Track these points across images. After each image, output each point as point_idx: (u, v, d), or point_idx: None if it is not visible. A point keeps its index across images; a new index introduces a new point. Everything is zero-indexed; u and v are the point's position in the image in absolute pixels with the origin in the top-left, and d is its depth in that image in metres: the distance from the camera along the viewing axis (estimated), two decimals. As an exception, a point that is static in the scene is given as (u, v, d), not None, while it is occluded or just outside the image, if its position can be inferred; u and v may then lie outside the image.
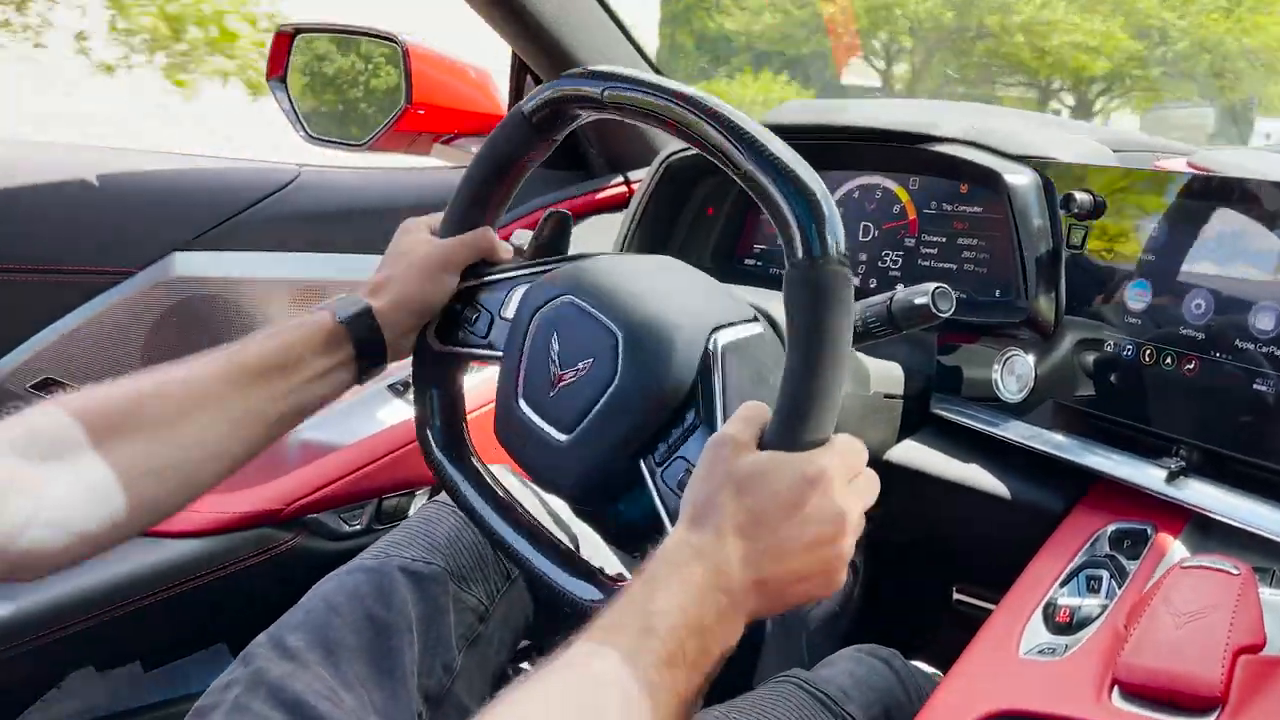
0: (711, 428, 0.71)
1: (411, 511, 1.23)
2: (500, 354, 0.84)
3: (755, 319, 0.80)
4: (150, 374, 0.75)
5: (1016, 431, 0.95)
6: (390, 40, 1.39)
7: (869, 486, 0.66)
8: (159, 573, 1.07)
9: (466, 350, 0.88)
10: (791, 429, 0.63)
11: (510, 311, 0.85)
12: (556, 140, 0.84)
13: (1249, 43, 11.66)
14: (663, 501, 0.72)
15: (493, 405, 0.84)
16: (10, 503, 0.64)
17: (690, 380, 0.74)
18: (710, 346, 0.75)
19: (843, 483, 0.63)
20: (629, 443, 0.74)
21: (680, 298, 0.80)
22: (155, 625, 1.11)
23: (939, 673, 1.02)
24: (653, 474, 0.74)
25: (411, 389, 0.91)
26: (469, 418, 0.90)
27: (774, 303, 0.84)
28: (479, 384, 1.13)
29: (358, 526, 1.18)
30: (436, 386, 0.89)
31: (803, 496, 0.61)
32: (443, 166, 1.46)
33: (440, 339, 0.89)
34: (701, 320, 0.76)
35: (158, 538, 1.08)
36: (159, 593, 1.08)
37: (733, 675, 0.64)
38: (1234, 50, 11.66)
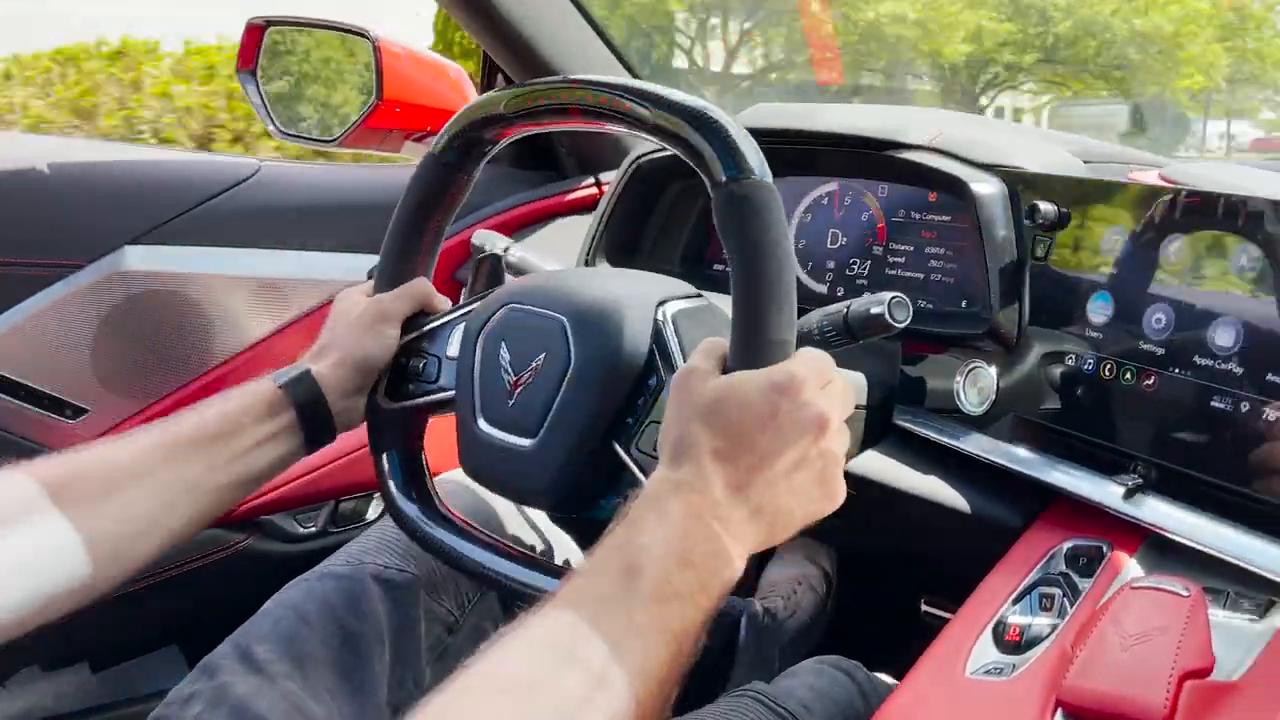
0: None
1: (370, 514, 1.21)
2: (453, 393, 0.82)
3: (700, 296, 0.80)
4: (90, 448, 0.73)
5: (977, 445, 0.93)
6: (362, 35, 1.37)
7: (844, 393, 0.64)
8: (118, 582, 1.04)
9: (419, 402, 0.86)
10: (749, 346, 0.62)
11: (455, 350, 0.84)
12: (475, 175, 0.84)
13: (1140, 25, 9.96)
14: (643, 471, 0.71)
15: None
16: None
17: (645, 348, 0.74)
18: (659, 316, 0.75)
19: (814, 388, 0.61)
20: (596, 425, 0.73)
21: (621, 282, 0.80)
22: (103, 626, 1.09)
23: None
24: (627, 449, 0.73)
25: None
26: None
27: (727, 302, 0.84)
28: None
29: (313, 529, 1.16)
30: (394, 448, 0.87)
31: (775, 405, 0.59)
32: (412, 163, 1.44)
33: (391, 397, 0.86)
34: (646, 297, 0.76)
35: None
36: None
37: (703, 685, 0.63)
38: (1123, 35, 10.10)
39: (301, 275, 1.21)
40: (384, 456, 0.87)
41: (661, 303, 0.76)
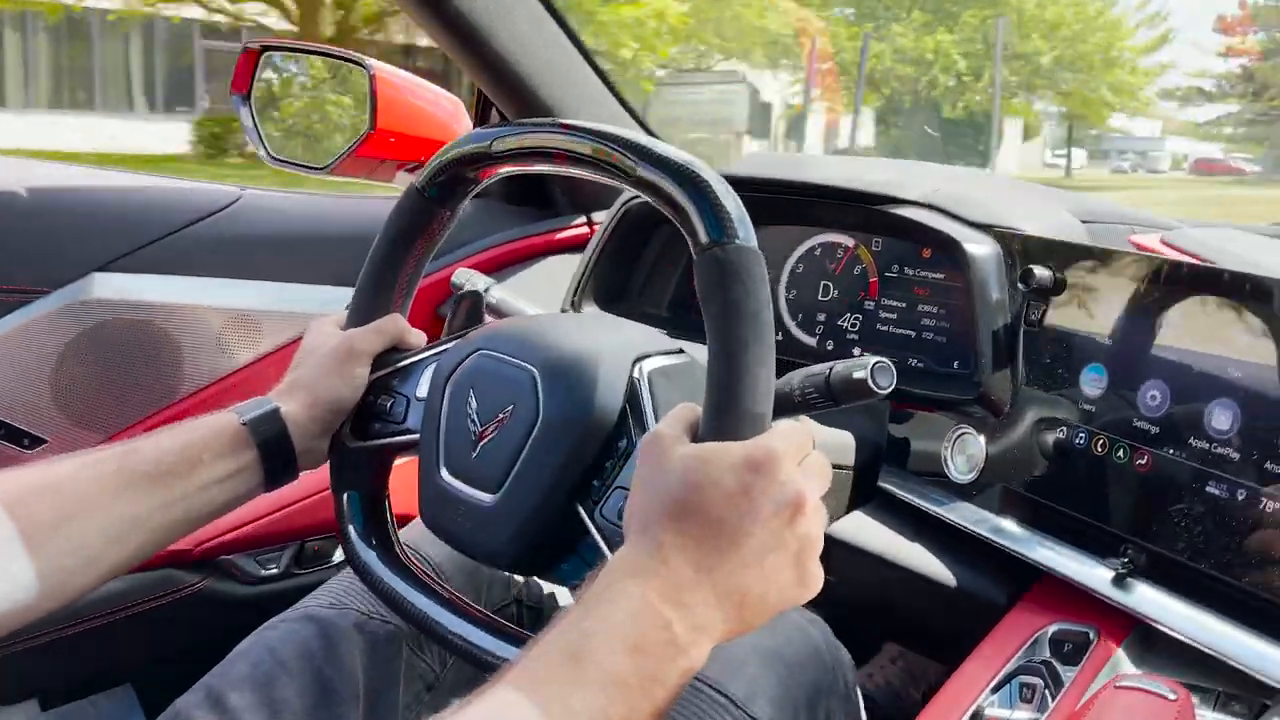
0: None
1: (336, 556, 1.17)
2: (418, 435, 0.79)
3: (680, 351, 0.76)
4: (41, 469, 0.70)
5: (963, 515, 0.89)
6: (358, 64, 1.35)
7: (822, 469, 0.60)
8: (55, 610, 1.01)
9: (385, 442, 0.82)
10: (724, 416, 0.58)
11: (424, 391, 0.80)
12: (457, 211, 0.82)
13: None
14: (606, 539, 0.67)
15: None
16: None
17: (618, 407, 0.70)
18: (635, 374, 0.72)
19: (791, 465, 0.57)
20: (561, 485, 0.69)
21: (598, 333, 0.76)
22: (54, 663, 1.05)
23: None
24: (591, 514, 0.69)
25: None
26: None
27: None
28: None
29: (274, 570, 1.12)
30: (357, 488, 0.83)
31: (747, 483, 0.55)
32: (395, 194, 1.42)
33: (357, 435, 0.83)
34: (623, 351, 0.73)
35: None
36: (56, 629, 1.02)
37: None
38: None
39: (278, 307, 1.18)
40: (345, 497, 0.83)
41: (640, 358, 0.73)
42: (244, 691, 0.77)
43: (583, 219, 1.39)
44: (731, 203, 0.60)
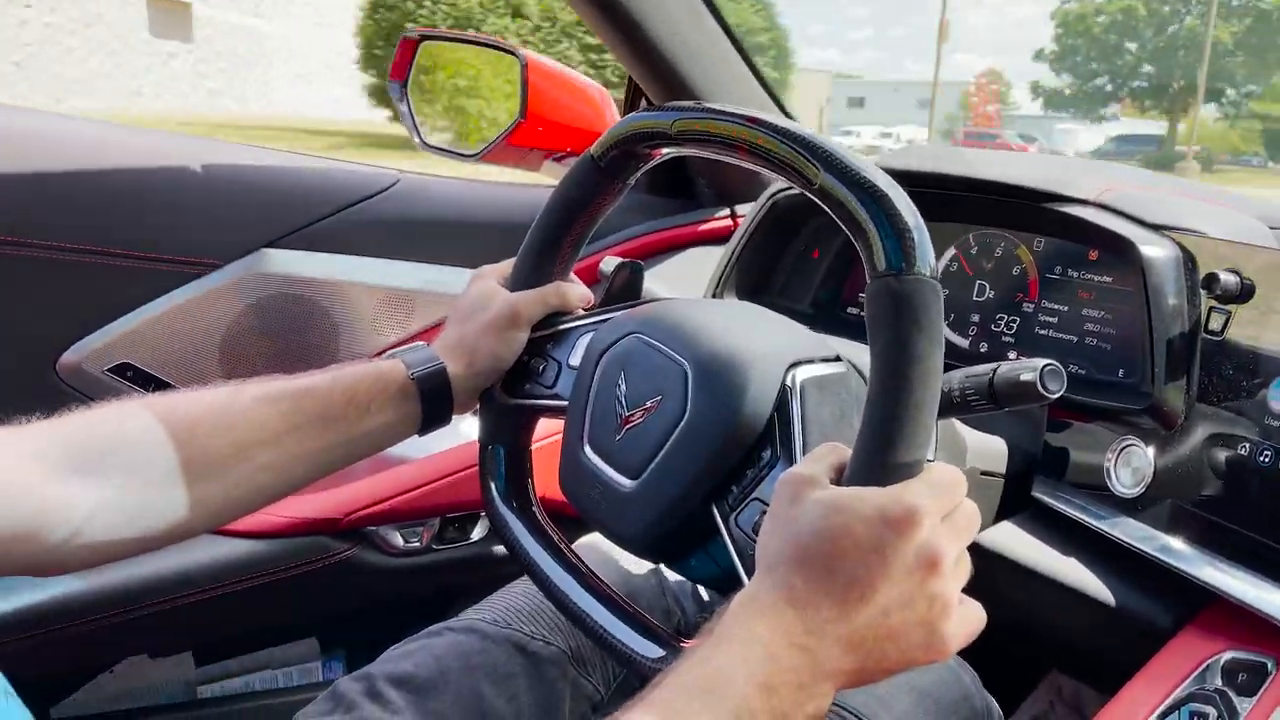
0: (790, 465, 0.65)
1: (474, 534, 1.20)
2: (567, 404, 0.80)
3: (838, 359, 0.74)
4: (209, 396, 0.74)
5: (1127, 531, 0.85)
6: (511, 53, 1.37)
7: (968, 522, 0.57)
8: (209, 571, 1.06)
9: (533, 402, 0.85)
10: (873, 460, 0.56)
11: (578, 359, 0.82)
12: (628, 184, 0.81)
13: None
14: (737, 548, 0.67)
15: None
16: (41, 531, 0.64)
17: (766, 415, 0.69)
18: (788, 381, 0.70)
19: (934, 519, 0.54)
20: (699, 484, 0.69)
21: (755, 333, 0.75)
22: (207, 620, 1.11)
23: None
24: (725, 519, 0.68)
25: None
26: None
27: (867, 355, 0.78)
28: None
29: (416, 544, 1.15)
30: (503, 443, 0.86)
31: (882, 539, 0.53)
32: (545, 184, 1.44)
33: (508, 392, 0.86)
34: (778, 355, 0.71)
35: (212, 535, 1.07)
36: (208, 590, 1.07)
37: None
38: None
39: (430, 288, 1.22)
40: (490, 449, 0.86)
41: (794, 365, 0.71)
42: (404, 691, 0.80)
43: (726, 211, 1.38)
44: (915, 229, 0.57)
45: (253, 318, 1.13)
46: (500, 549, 1.22)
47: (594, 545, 0.97)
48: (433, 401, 0.80)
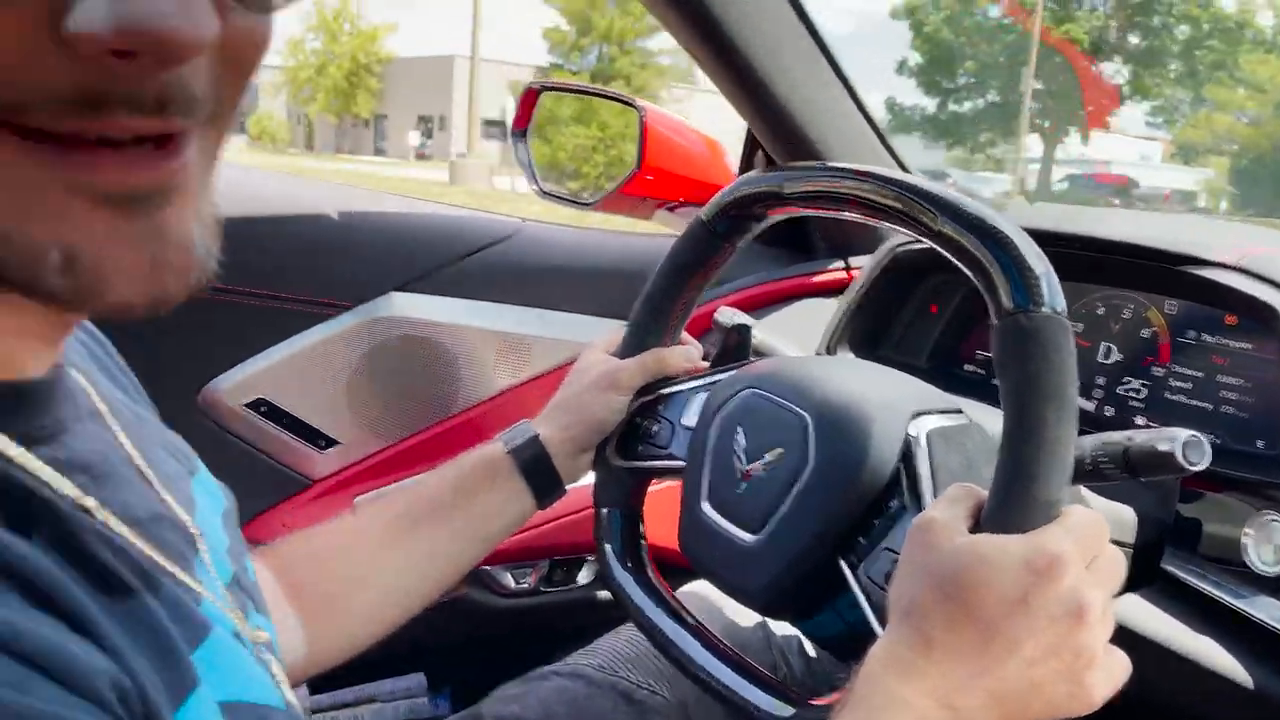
0: (920, 513, 0.65)
1: (581, 579, 1.21)
2: (683, 464, 0.81)
3: (959, 411, 0.73)
4: (334, 530, 0.78)
5: (1268, 612, 0.81)
6: (630, 104, 1.40)
7: (1113, 569, 0.56)
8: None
9: (648, 464, 0.85)
10: (1010, 505, 0.54)
11: (692, 419, 0.82)
12: (737, 247, 0.83)
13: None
14: (869, 599, 0.66)
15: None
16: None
17: (891, 465, 0.68)
18: (911, 431, 0.69)
19: (1079, 566, 0.53)
20: (825, 536, 0.68)
21: (874, 385, 0.75)
22: None
23: None
24: (855, 570, 0.67)
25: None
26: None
27: (987, 415, 0.77)
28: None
29: (526, 585, 1.17)
30: (617, 506, 0.87)
31: (1027, 587, 0.51)
32: (661, 233, 1.46)
33: (621, 455, 0.86)
34: (900, 406, 0.71)
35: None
36: None
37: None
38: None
39: (547, 333, 1.24)
40: (605, 512, 0.87)
41: (916, 415, 0.70)
42: None
43: (840, 263, 1.38)
44: (1040, 265, 0.57)
45: (379, 358, 1.17)
46: (605, 594, 1.22)
47: (698, 594, 0.97)
48: (536, 472, 0.82)
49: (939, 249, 0.62)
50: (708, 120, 1.52)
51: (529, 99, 1.51)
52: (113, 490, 0.42)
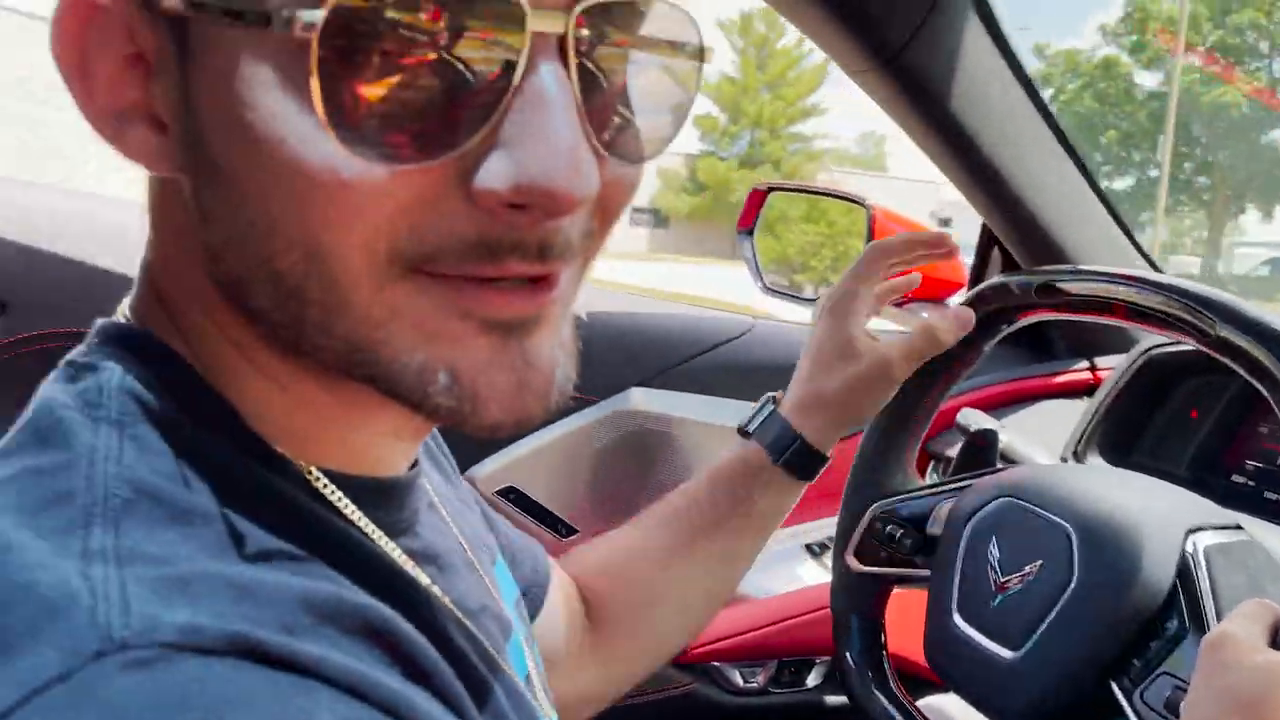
0: (1203, 635, 0.61)
1: (809, 681, 1.19)
2: (927, 574, 0.79)
3: (1239, 527, 0.68)
4: (622, 550, 0.80)
5: None
6: (858, 203, 1.41)
7: None
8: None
9: (890, 571, 0.83)
10: None
11: (938, 526, 0.80)
12: (985, 351, 0.82)
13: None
14: None
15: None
16: None
17: (1167, 583, 0.64)
18: (1188, 547, 0.65)
19: None
20: (1094, 656, 0.65)
21: (1142, 496, 0.71)
22: None
23: None
24: (1129, 696, 0.64)
25: (827, 551, 0.89)
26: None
27: (1268, 531, 0.71)
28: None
29: (755, 685, 1.16)
30: (857, 612, 0.85)
31: None
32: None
33: (861, 560, 0.85)
34: (1173, 519, 0.67)
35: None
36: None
37: None
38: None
39: None
40: (845, 618, 0.85)
41: (1192, 530, 0.66)
42: None
43: (1085, 363, 1.32)
44: None
45: (621, 450, 1.22)
46: (833, 699, 1.19)
47: (942, 711, 0.93)
48: (801, 466, 0.78)
49: (1219, 356, 0.59)
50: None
51: (756, 199, 1.55)
52: (453, 580, 0.45)
